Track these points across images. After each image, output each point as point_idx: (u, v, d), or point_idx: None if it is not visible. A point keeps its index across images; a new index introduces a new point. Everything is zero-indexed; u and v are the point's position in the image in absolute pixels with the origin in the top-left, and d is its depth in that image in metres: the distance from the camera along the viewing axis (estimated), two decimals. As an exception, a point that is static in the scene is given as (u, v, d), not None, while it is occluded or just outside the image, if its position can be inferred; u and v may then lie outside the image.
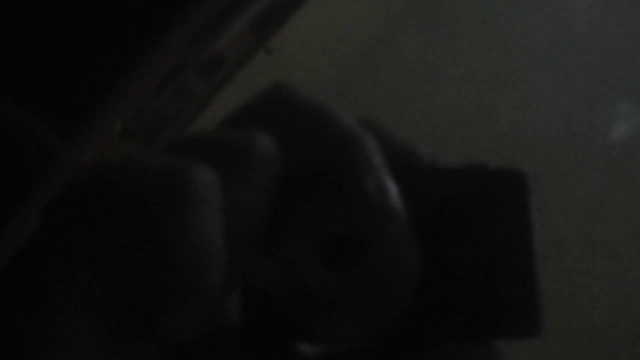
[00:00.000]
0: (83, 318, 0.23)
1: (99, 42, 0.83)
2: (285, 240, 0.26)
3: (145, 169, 0.24)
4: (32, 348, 0.22)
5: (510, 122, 2.13)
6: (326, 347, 0.27)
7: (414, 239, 0.26)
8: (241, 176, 0.25)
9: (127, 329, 0.23)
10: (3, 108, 0.79)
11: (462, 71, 2.18)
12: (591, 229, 2.07)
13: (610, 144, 2.14)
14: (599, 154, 2.13)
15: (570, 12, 2.24)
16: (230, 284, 0.25)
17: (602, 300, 2.00)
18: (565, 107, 2.15)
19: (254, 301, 0.27)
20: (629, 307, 2.00)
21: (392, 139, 0.29)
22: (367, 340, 0.27)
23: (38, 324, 0.22)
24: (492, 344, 0.27)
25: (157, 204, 0.23)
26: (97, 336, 0.23)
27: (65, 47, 0.81)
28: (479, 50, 2.20)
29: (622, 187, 2.10)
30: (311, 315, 0.26)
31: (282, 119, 0.27)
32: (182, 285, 0.23)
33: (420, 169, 0.29)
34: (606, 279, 2.03)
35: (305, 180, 0.27)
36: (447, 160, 0.29)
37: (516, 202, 0.28)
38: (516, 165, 0.29)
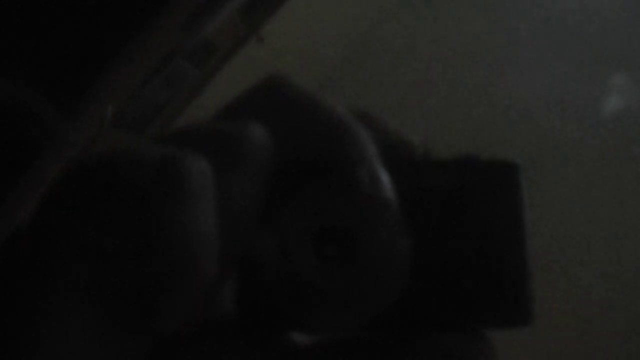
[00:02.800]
0: (80, 307, 0.23)
1: (94, 21, 0.84)
2: (278, 230, 0.26)
3: (140, 159, 0.24)
4: (30, 339, 0.22)
5: (503, 97, 2.13)
6: (319, 336, 0.27)
7: (406, 230, 0.27)
8: (234, 166, 0.25)
9: (122, 319, 0.23)
10: (3, 85, 0.79)
11: (456, 48, 2.17)
12: (585, 203, 2.06)
13: (603, 117, 2.14)
14: (592, 127, 2.13)
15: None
16: (224, 273, 0.25)
17: (597, 287, 1.99)
18: (558, 80, 2.15)
19: (249, 291, 0.27)
20: (624, 294, 1.99)
21: (385, 130, 0.29)
22: (360, 329, 0.27)
23: (36, 314, 0.23)
24: (482, 333, 0.28)
25: (151, 193, 0.23)
26: (94, 326, 0.23)
27: (62, 26, 0.81)
28: (473, 26, 2.19)
29: (615, 161, 2.10)
30: (304, 304, 0.26)
31: (276, 110, 0.27)
32: (176, 274, 0.24)
33: (412, 160, 0.29)
34: (601, 261, 2.02)
35: (298, 171, 0.27)
36: (444, 138, 0.29)
37: (508, 193, 0.28)
38: (511, 140, 0.29)
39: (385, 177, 0.27)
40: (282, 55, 1.71)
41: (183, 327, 0.25)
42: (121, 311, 0.23)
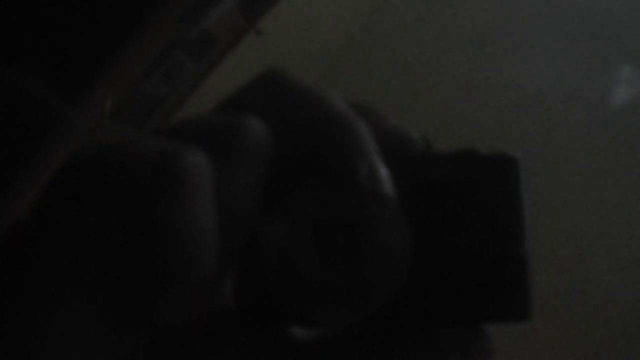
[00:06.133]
0: (80, 300, 0.23)
1: (97, 10, 0.84)
2: (278, 225, 0.26)
3: (138, 153, 0.24)
4: (31, 331, 0.22)
5: (511, 86, 2.12)
6: (319, 330, 0.27)
7: (406, 224, 0.27)
8: (233, 160, 0.25)
9: (122, 313, 0.23)
10: (10, 73, 0.79)
11: (462, 40, 2.16)
12: (593, 195, 2.04)
13: (611, 108, 2.13)
14: (601, 118, 2.11)
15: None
16: (223, 267, 0.25)
17: (599, 283, 1.98)
18: (566, 71, 2.14)
19: (249, 285, 0.27)
20: (626, 291, 1.98)
21: (385, 124, 0.29)
22: (359, 324, 0.27)
23: (36, 307, 0.23)
24: (481, 327, 0.28)
25: (149, 188, 0.23)
26: (94, 319, 0.23)
27: (65, 14, 0.81)
28: (481, 15, 2.18)
29: (623, 152, 2.09)
30: (304, 299, 0.26)
31: (275, 103, 0.27)
32: (174, 269, 0.24)
33: (412, 154, 0.29)
34: (606, 256, 2.00)
35: (297, 165, 0.27)
36: (451, 130, 0.29)
37: (507, 187, 0.28)
38: (519, 131, 0.29)
39: (384, 172, 0.27)
40: (281, 48, 1.71)
41: (183, 321, 0.25)
42: (121, 305, 0.23)
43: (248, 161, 0.26)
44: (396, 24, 2.18)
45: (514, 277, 0.28)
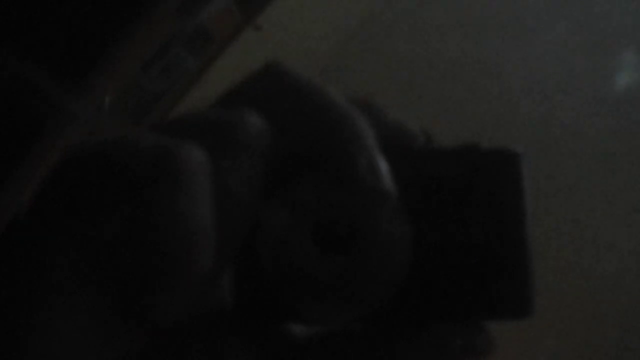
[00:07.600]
0: (77, 300, 0.23)
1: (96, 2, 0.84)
2: (278, 222, 0.26)
3: (136, 148, 0.24)
4: (29, 327, 0.22)
5: (514, 72, 2.11)
6: (318, 328, 0.27)
7: (406, 220, 0.26)
8: (231, 156, 0.25)
9: (120, 311, 0.23)
10: (9, 62, 0.79)
11: (462, 27, 2.15)
12: (594, 182, 2.03)
13: (613, 93, 2.13)
14: (602, 104, 2.11)
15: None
16: (221, 264, 0.25)
17: (600, 278, 1.98)
18: (568, 57, 2.13)
19: (247, 282, 0.27)
20: (628, 287, 1.97)
21: (384, 118, 0.29)
22: (359, 321, 0.27)
23: (35, 302, 0.22)
24: (482, 324, 0.28)
25: (147, 184, 0.23)
26: (91, 315, 0.23)
27: (66, 7, 0.81)
28: (481, 4, 2.18)
29: (625, 137, 2.08)
30: (303, 296, 0.26)
31: (274, 98, 0.27)
32: (172, 265, 0.23)
33: (412, 149, 0.29)
34: (609, 248, 1.99)
35: (296, 161, 0.27)
36: (452, 119, 0.28)
37: (509, 183, 0.28)
38: (520, 118, 0.28)
39: (384, 167, 0.27)
40: (279, 43, 1.71)
41: (180, 319, 0.25)
42: (119, 303, 0.23)
43: (246, 157, 0.25)
44: (394, 19, 2.18)
45: (516, 273, 0.27)
